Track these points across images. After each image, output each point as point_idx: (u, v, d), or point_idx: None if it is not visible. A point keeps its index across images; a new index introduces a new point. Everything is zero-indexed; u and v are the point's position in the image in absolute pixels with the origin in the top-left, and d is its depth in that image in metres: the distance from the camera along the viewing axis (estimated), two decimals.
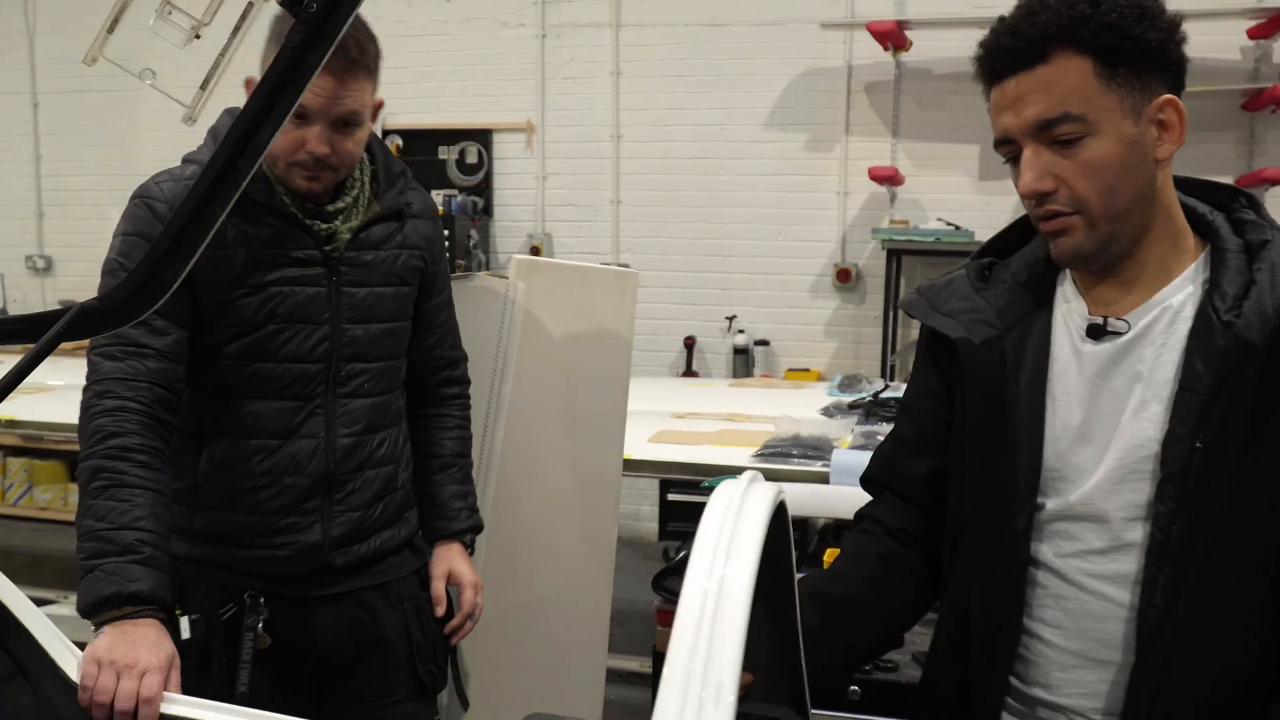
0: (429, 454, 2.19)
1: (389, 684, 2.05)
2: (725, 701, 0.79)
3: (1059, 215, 1.30)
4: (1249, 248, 1.32)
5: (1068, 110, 1.25)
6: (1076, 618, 1.37)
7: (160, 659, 1.54)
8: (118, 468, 1.71)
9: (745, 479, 1.00)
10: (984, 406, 1.40)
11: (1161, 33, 1.27)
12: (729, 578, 0.86)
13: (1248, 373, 1.25)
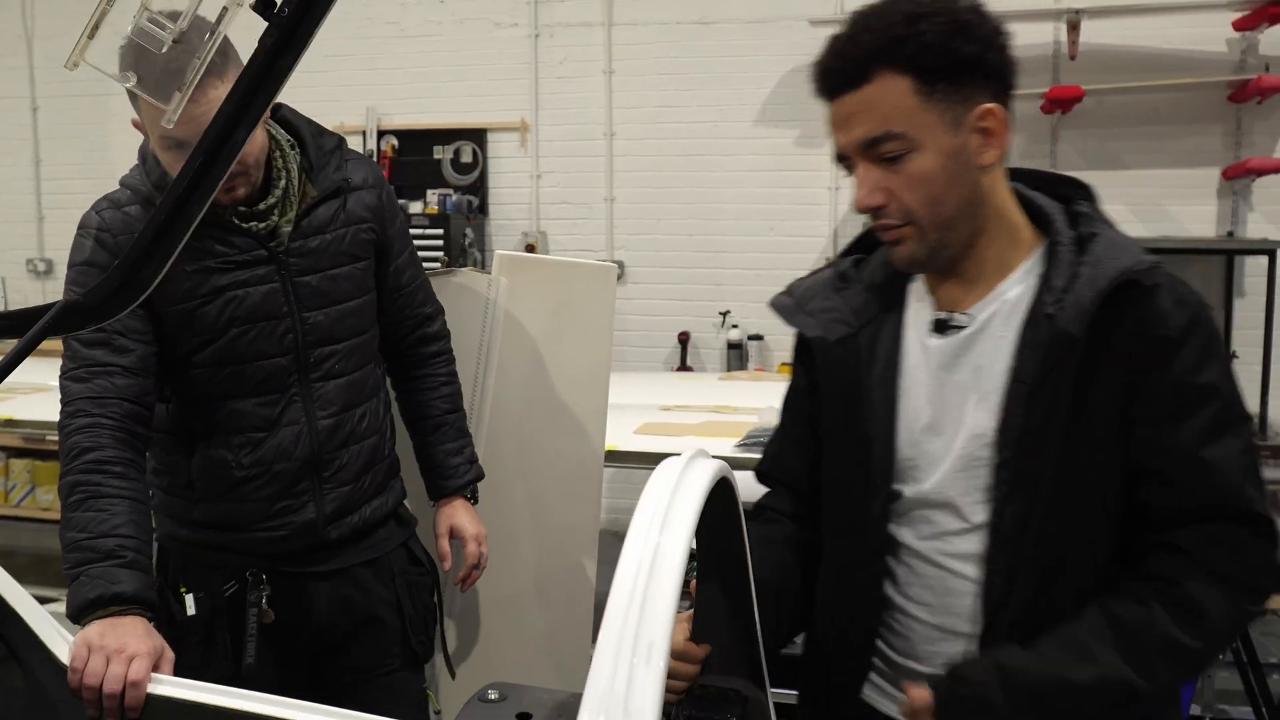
0: (420, 416, 2.27)
1: (383, 656, 2.14)
2: (656, 661, 0.84)
3: (892, 227, 1.38)
4: (1080, 241, 1.39)
5: (890, 129, 1.32)
6: (939, 595, 1.46)
7: (148, 646, 1.60)
8: (94, 480, 1.78)
9: (686, 455, 1.06)
10: (840, 402, 1.50)
11: (979, 45, 1.33)
12: (663, 546, 0.91)
13: (1069, 363, 1.34)
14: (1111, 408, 1.35)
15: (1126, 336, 1.33)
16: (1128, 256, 1.35)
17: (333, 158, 2.07)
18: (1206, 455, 1.33)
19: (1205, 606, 1.33)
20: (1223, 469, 1.33)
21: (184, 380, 1.99)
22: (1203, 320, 1.35)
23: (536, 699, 1.11)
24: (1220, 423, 1.34)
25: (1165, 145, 5.25)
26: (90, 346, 1.88)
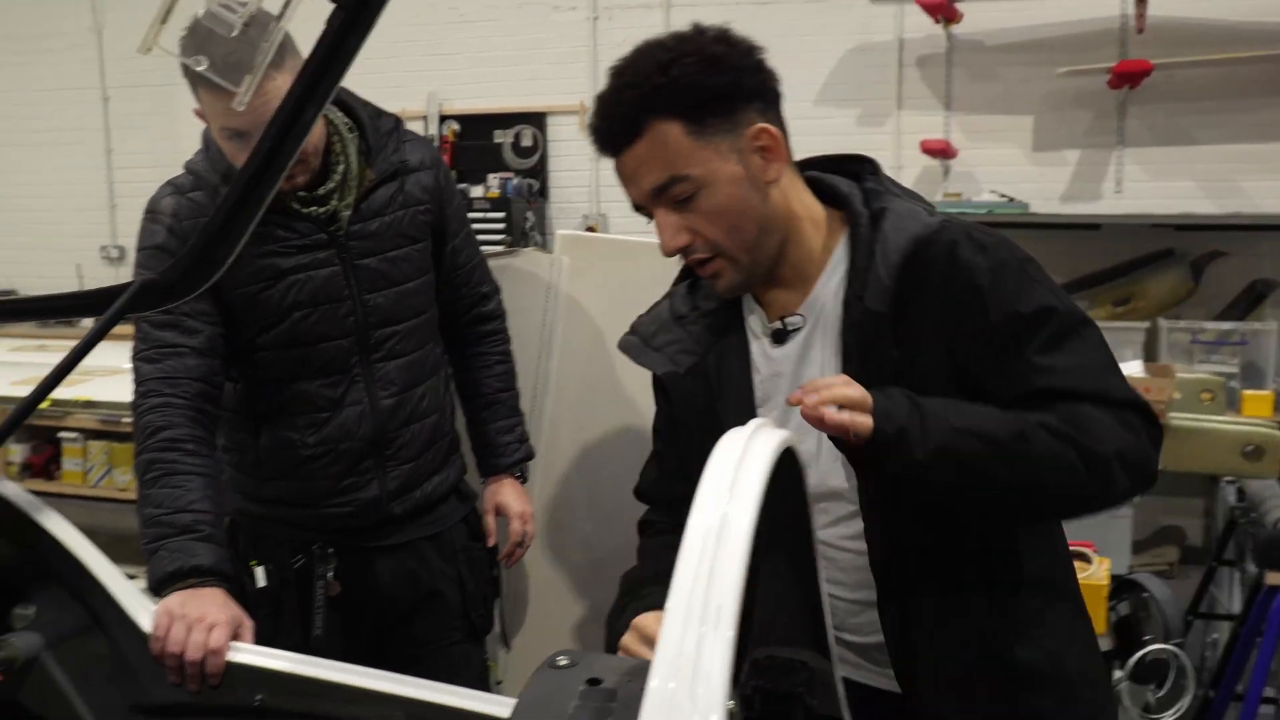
0: (473, 394, 2.32)
1: (445, 629, 2.20)
2: (725, 625, 0.86)
3: (705, 261, 1.44)
4: (874, 217, 1.45)
5: (673, 174, 1.38)
6: (850, 573, 1.52)
7: (227, 615, 1.65)
8: (168, 458, 1.84)
9: (752, 425, 1.07)
10: (699, 429, 1.52)
11: (733, 73, 1.40)
12: (730, 514, 0.92)
13: (884, 339, 1.40)
14: (942, 367, 1.40)
15: (936, 297, 1.39)
16: (914, 224, 1.42)
17: (390, 140, 2.10)
18: (1059, 363, 1.37)
19: (1096, 428, 1.34)
20: (1078, 370, 1.37)
21: (250, 362, 2.04)
22: (1006, 257, 1.41)
23: (606, 665, 1.13)
24: (1062, 331, 1.38)
25: (1236, 120, 5.13)
26: (160, 328, 1.94)
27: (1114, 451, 1.33)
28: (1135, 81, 4.99)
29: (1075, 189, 5.39)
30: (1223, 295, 5.04)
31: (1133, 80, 4.98)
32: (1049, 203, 5.32)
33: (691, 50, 1.40)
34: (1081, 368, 1.38)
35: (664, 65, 1.38)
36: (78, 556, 1.59)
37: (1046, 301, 1.40)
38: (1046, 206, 5.26)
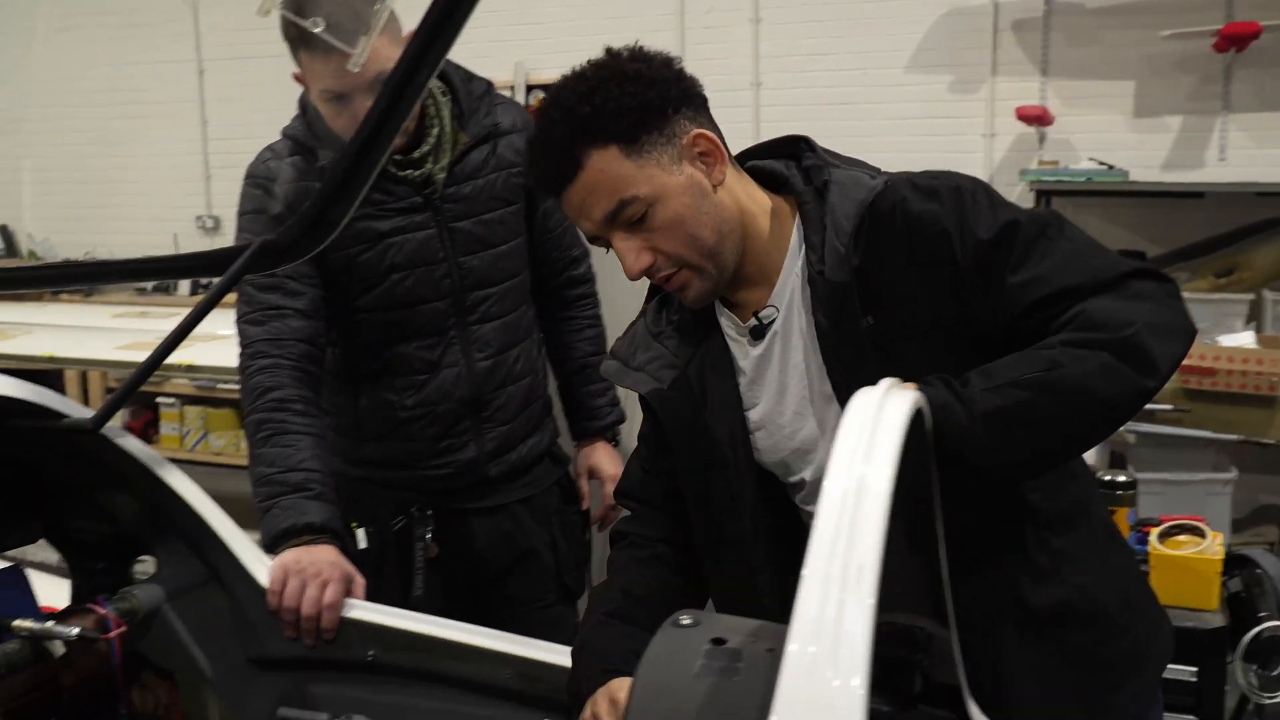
0: (565, 358, 2.32)
1: (539, 590, 2.21)
2: (867, 585, 0.84)
3: (670, 276, 1.43)
4: (819, 192, 1.43)
5: (622, 198, 1.37)
6: None
7: (341, 572, 1.68)
8: (278, 418, 1.87)
9: (884, 385, 1.05)
10: (689, 441, 1.53)
11: (654, 87, 1.40)
12: (868, 476, 0.91)
13: (850, 307, 1.38)
14: (918, 325, 1.39)
15: (899, 256, 1.38)
16: (858, 189, 1.41)
17: (482, 103, 2.11)
18: (1040, 271, 1.34)
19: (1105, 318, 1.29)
20: (1061, 269, 1.33)
21: (349, 325, 2.07)
22: (957, 193, 1.38)
23: (729, 626, 1.12)
24: (1029, 240, 1.35)
25: None
26: (264, 291, 1.97)
27: (1142, 327, 1.26)
28: (1242, 44, 4.81)
29: (1177, 156, 5.22)
30: None
31: (1239, 43, 4.80)
32: (1149, 171, 5.16)
33: (610, 74, 1.41)
34: (1064, 265, 1.34)
35: (586, 95, 1.39)
36: (198, 511, 1.63)
37: (1003, 219, 1.36)
38: (1147, 175, 5.11)
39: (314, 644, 1.65)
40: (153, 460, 1.62)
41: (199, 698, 1.67)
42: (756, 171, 1.51)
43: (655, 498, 1.63)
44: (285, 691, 1.70)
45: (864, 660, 0.81)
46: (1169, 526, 2.20)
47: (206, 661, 1.66)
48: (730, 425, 1.51)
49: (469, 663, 1.60)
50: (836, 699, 0.79)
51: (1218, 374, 2.90)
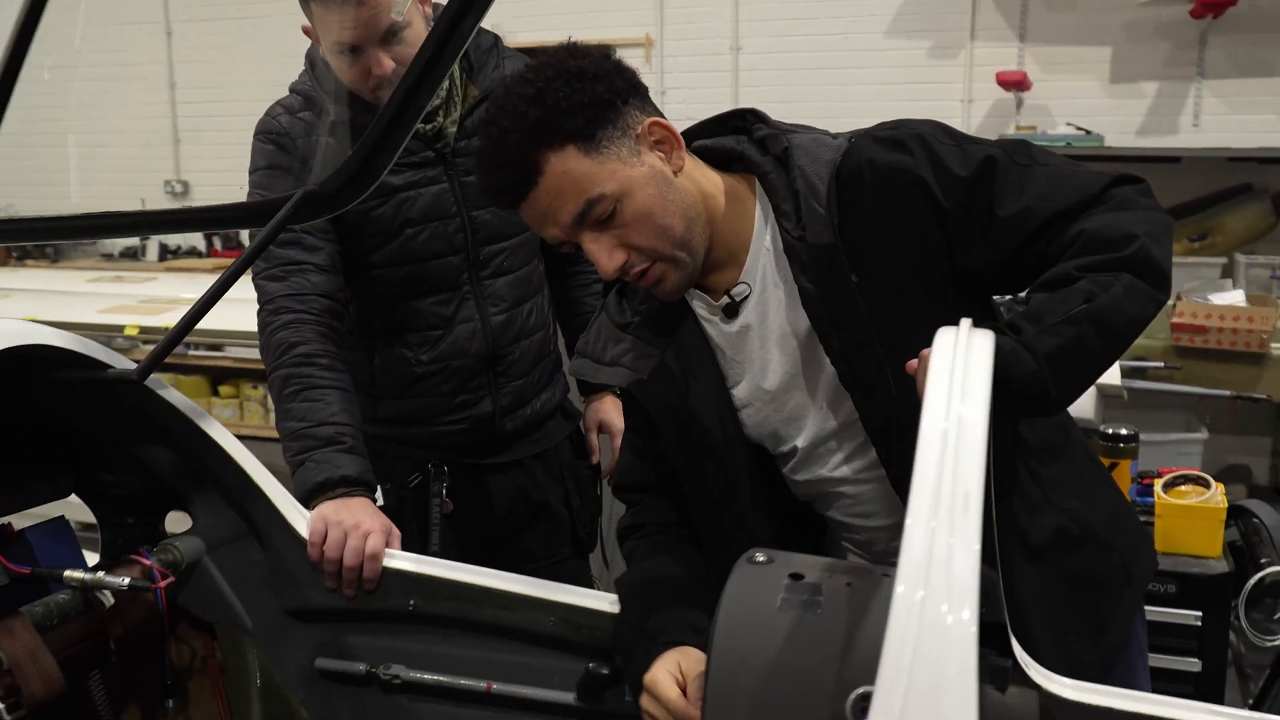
0: (573, 312, 2.32)
1: (554, 544, 2.23)
2: (972, 521, 0.86)
3: (645, 271, 1.41)
4: (779, 160, 1.42)
5: (588, 197, 1.35)
6: (877, 501, 1.53)
7: (380, 523, 1.68)
8: (305, 372, 1.86)
9: (965, 325, 1.07)
10: (677, 427, 1.52)
11: (601, 81, 1.37)
12: (965, 415, 0.93)
13: (839, 267, 1.39)
14: (901, 280, 1.39)
15: (877, 211, 1.38)
16: (825, 151, 1.42)
17: (490, 56, 2.10)
18: (1028, 201, 1.35)
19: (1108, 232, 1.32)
20: (1050, 195, 1.35)
21: (363, 282, 2.06)
22: (921, 139, 1.40)
23: (803, 563, 1.14)
24: (1011, 172, 1.36)
25: (1266, 50, 5.01)
26: (283, 246, 1.95)
27: (1143, 237, 1.30)
28: (1219, 10, 4.88)
29: (1152, 122, 5.30)
30: None
31: (1216, 9, 4.87)
32: (1125, 136, 5.24)
33: (555, 73, 1.37)
34: (1049, 191, 1.36)
35: (536, 98, 1.35)
36: (239, 463, 1.63)
37: (977, 155, 1.38)
38: (1122, 140, 5.18)
39: (354, 594, 1.65)
40: (194, 412, 1.61)
41: (238, 649, 1.67)
42: (704, 151, 1.50)
43: (656, 485, 1.63)
44: (322, 642, 1.70)
45: (974, 595, 0.83)
46: (1173, 477, 2.26)
47: (246, 613, 1.66)
48: (717, 406, 1.51)
49: (512, 610, 1.61)
50: (951, 633, 0.81)
51: (1209, 331, 2.96)
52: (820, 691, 1.02)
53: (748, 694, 1.04)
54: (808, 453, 1.53)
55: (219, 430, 1.62)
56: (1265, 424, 4.76)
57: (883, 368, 1.41)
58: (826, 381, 1.48)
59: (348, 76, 1.91)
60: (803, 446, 1.52)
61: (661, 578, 1.53)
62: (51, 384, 1.43)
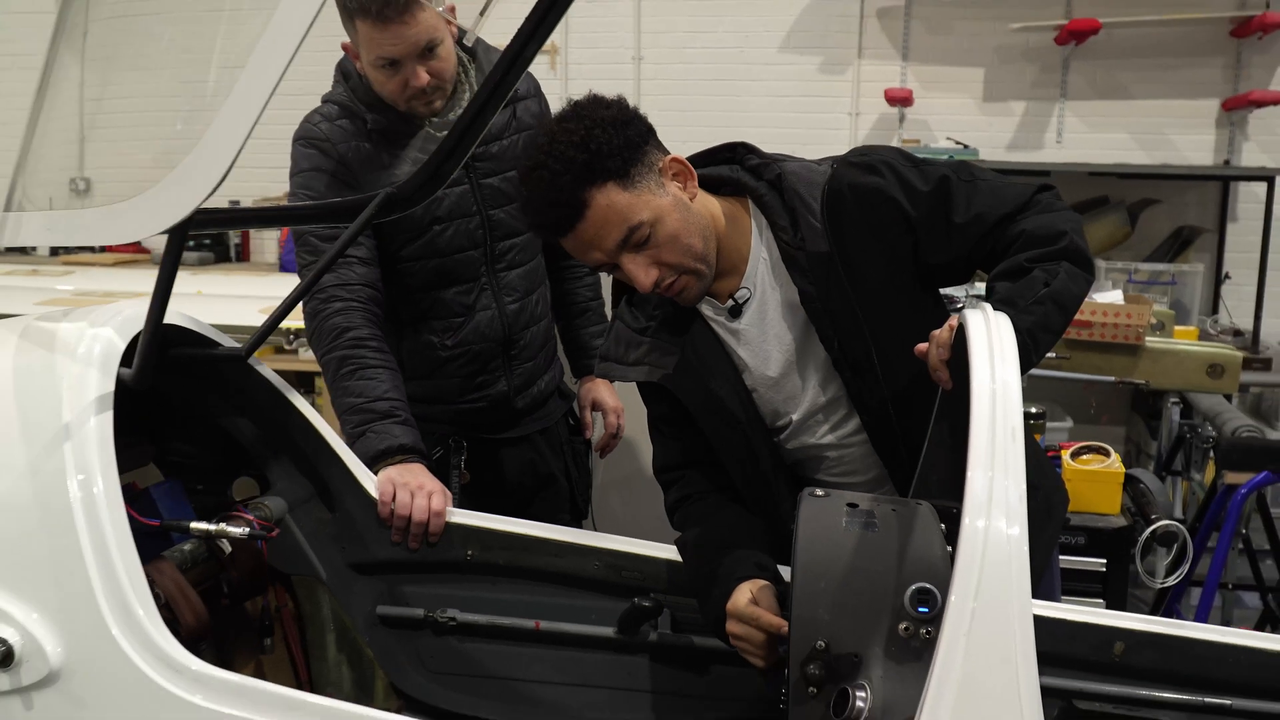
0: (568, 302, 2.59)
1: (556, 512, 2.49)
2: (1017, 463, 1.16)
3: (673, 284, 1.70)
4: (773, 185, 1.74)
5: (630, 225, 1.64)
6: (859, 461, 1.84)
7: (439, 485, 1.91)
8: (358, 354, 2.08)
9: (985, 307, 1.38)
10: (706, 411, 1.79)
11: (631, 126, 1.67)
12: (1006, 378, 1.23)
13: (835, 272, 1.71)
14: (886, 285, 1.71)
15: (861, 226, 1.70)
16: (814, 174, 1.75)
17: (489, 61, 2.35)
18: (978, 209, 1.70)
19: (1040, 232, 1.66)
20: (996, 202, 1.70)
21: (392, 274, 2.28)
22: (892, 163, 1.74)
23: (854, 496, 1.44)
24: (962, 186, 1.71)
25: (1168, 77, 5.58)
26: (328, 242, 2.16)
27: (1071, 231, 1.67)
28: (1081, 38, 5.39)
29: (1020, 138, 5.81)
30: (1153, 239, 5.53)
31: (1080, 37, 5.38)
32: (996, 150, 5.72)
33: (593, 122, 1.63)
34: (992, 201, 1.70)
35: (582, 144, 1.61)
36: (320, 431, 1.83)
37: (933, 175, 1.71)
38: (994, 154, 5.65)
39: (418, 547, 1.88)
40: (283, 387, 1.81)
41: (314, 598, 1.88)
42: (702, 180, 1.78)
43: (693, 460, 1.86)
44: (381, 592, 1.92)
45: (1023, 520, 1.14)
46: (1079, 448, 2.65)
47: (320, 566, 1.87)
48: (734, 389, 1.79)
49: (561, 557, 1.86)
50: (1012, 545, 1.12)
51: (1094, 326, 3.39)
52: (884, 589, 1.32)
53: (828, 594, 1.33)
54: (800, 425, 1.82)
55: (303, 403, 1.83)
56: (1121, 413, 5.29)
57: (869, 350, 1.72)
58: (819, 365, 1.78)
59: (387, 89, 2.13)
60: (796, 420, 1.82)
61: (719, 530, 1.78)
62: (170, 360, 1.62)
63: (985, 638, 1.10)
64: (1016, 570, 1.12)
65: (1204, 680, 1.65)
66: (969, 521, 1.14)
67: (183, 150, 1.22)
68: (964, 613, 1.11)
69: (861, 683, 1.28)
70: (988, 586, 1.12)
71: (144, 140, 1.28)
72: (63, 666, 1.28)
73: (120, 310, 1.54)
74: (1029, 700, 1.09)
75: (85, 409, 1.37)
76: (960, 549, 1.13)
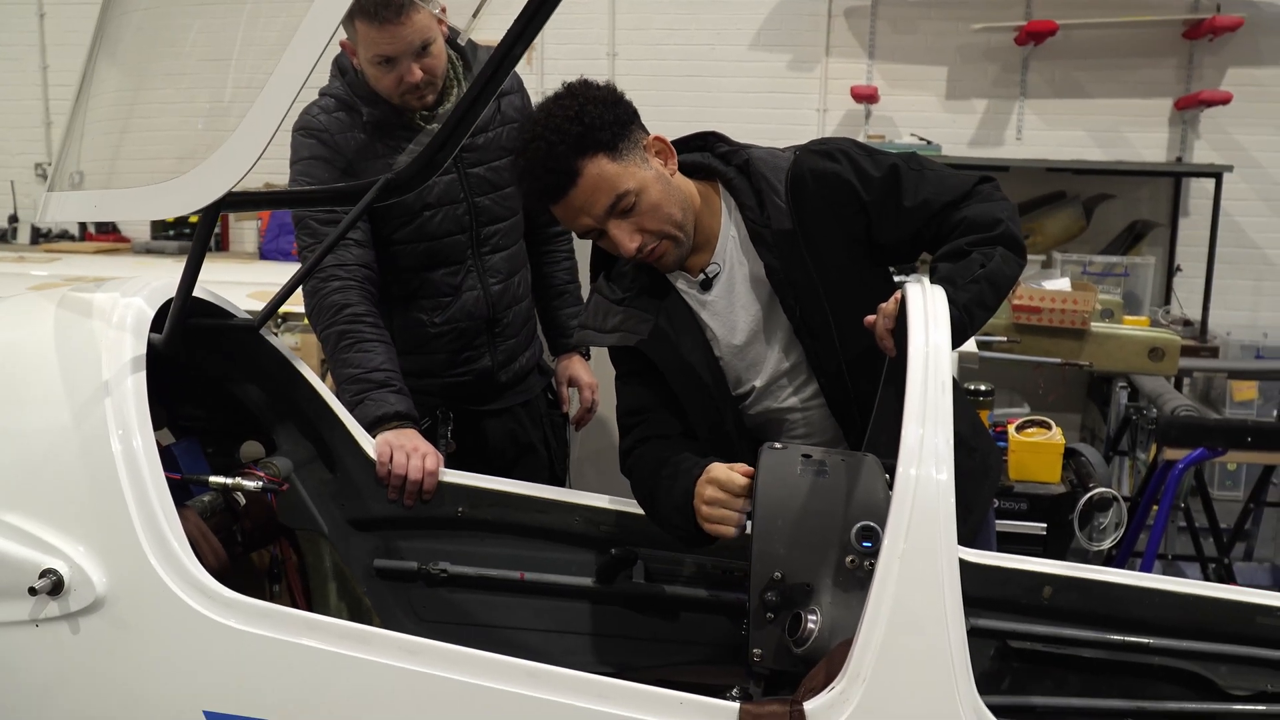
0: (546, 284, 2.76)
1: (536, 478, 2.64)
2: (945, 416, 1.34)
3: (654, 249, 1.86)
4: (741, 169, 1.93)
5: (618, 193, 1.82)
6: (816, 424, 1.99)
7: (432, 448, 2.08)
8: (356, 329, 2.24)
9: (924, 282, 1.56)
10: (678, 373, 1.94)
11: (620, 104, 1.85)
12: (939, 343, 1.41)
13: (797, 248, 1.89)
14: (843, 262, 1.88)
15: (821, 208, 1.88)
16: (779, 160, 1.93)
17: (477, 61, 2.51)
18: (925, 195, 1.86)
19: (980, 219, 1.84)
20: (939, 190, 1.87)
21: (384, 256, 2.44)
22: (848, 151, 1.92)
23: (810, 449, 1.61)
24: (910, 175, 1.89)
25: (1123, 77, 5.81)
26: (326, 225, 2.31)
27: (1007, 220, 1.84)
28: (1040, 39, 5.61)
29: (982, 134, 6.02)
30: (1107, 233, 5.76)
31: (1038, 38, 5.59)
32: (959, 146, 5.93)
33: (586, 99, 1.81)
34: (938, 189, 1.86)
35: (576, 116, 1.78)
36: (324, 397, 2.00)
37: (884, 163, 1.88)
38: (957, 150, 5.86)
39: (413, 504, 2.04)
40: (292, 356, 1.97)
41: (316, 550, 2.04)
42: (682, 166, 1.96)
43: (659, 405, 2.00)
44: (377, 546, 2.08)
45: (950, 467, 1.32)
46: (1024, 421, 2.85)
47: (323, 522, 2.03)
48: (703, 356, 1.96)
49: (545, 513, 2.03)
50: (940, 489, 1.31)
51: (1042, 311, 3.60)
52: (833, 527, 1.50)
53: (784, 531, 1.51)
54: (763, 390, 2.00)
55: (309, 371, 1.99)
56: (1076, 402, 5.51)
57: (828, 319, 1.91)
58: (782, 333, 1.95)
59: (383, 84, 2.29)
60: (759, 386, 1.99)
61: (673, 449, 1.91)
62: (188, 329, 1.77)
63: (916, 568, 1.29)
64: (944, 511, 1.30)
65: (1125, 620, 1.84)
66: (903, 470, 1.33)
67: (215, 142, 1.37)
68: (896, 546, 1.29)
69: (813, 608, 1.47)
70: (919, 525, 1.30)
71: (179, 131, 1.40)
72: (107, 594, 1.44)
73: (149, 282, 1.70)
74: (954, 625, 1.28)
75: (122, 369, 1.53)
76: (895, 493, 1.31)
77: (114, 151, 1.54)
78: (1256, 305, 5.86)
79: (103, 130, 1.55)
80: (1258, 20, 5.55)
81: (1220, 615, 1.83)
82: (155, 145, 1.42)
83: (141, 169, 1.49)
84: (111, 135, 1.54)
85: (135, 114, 1.53)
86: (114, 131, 1.54)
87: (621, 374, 2.08)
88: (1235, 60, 5.70)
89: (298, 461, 2.01)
